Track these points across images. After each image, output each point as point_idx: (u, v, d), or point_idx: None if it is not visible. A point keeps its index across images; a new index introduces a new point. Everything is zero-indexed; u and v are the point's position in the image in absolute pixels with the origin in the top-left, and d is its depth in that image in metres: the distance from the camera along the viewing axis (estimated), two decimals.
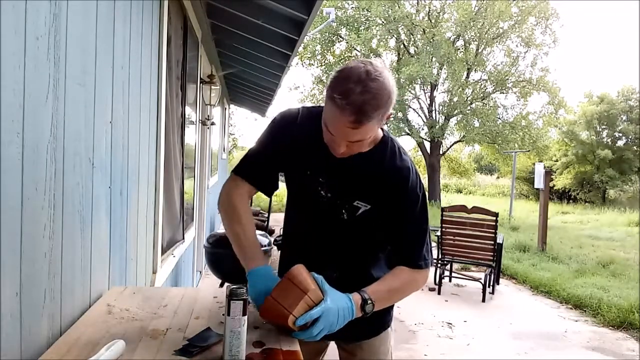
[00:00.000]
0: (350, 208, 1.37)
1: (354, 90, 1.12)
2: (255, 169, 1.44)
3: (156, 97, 2.23)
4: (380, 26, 17.36)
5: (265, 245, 4.07)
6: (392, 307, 1.55)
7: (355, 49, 18.05)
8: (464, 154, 26.27)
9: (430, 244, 1.44)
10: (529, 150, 18.07)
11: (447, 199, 19.23)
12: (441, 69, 17.46)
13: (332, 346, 1.60)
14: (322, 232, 1.44)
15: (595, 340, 4.40)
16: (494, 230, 5.40)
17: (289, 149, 1.39)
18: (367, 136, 1.20)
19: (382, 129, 1.37)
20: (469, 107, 17.38)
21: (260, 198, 11.27)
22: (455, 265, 6.21)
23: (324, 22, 13.64)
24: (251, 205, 6.80)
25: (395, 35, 17.82)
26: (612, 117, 23.68)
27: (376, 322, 1.50)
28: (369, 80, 1.13)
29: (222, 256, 3.96)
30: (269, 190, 1.48)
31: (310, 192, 1.40)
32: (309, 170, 1.39)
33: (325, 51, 18.40)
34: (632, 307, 4.95)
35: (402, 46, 18.06)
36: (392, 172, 1.34)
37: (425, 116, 18.21)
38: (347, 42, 17.91)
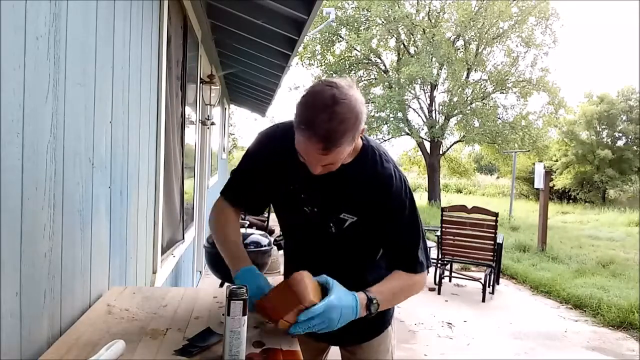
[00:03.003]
0: (337, 221, 1.36)
1: (320, 118, 1.10)
2: (239, 192, 1.46)
3: (156, 97, 2.23)
4: (380, 26, 17.35)
5: (265, 245, 4.07)
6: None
7: (355, 49, 18.04)
8: (464, 154, 26.18)
9: (426, 243, 1.41)
10: (529, 150, 18.06)
11: (447, 199, 19.22)
12: (441, 69, 17.45)
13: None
14: (312, 244, 1.44)
15: (595, 340, 4.40)
16: (494, 230, 5.40)
17: (271, 167, 1.38)
18: (339, 158, 1.19)
19: (362, 137, 1.34)
20: (469, 107, 17.37)
21: None
22: (455, 265, 6.21)
23: (324, 22, 13.65)
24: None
25: (395, 35, 17.82)
26: (612, 117, 23.66)
27: (376, 322, 1.48)
28: (335, 105, 1.10)
29: (222, 256, 3.96)
30: (257, 210, 1.54)
31: (296, 208, 1.39)
32: (292, 186, 1.38)
33: (325, 51, 18.40)
34: (632, 307, 4.95)
35: (402, 46, 18.06)
36: (374, 180, 1.32)
37: (425, 116, 18.20)
38: (347, 42, 17.91)
